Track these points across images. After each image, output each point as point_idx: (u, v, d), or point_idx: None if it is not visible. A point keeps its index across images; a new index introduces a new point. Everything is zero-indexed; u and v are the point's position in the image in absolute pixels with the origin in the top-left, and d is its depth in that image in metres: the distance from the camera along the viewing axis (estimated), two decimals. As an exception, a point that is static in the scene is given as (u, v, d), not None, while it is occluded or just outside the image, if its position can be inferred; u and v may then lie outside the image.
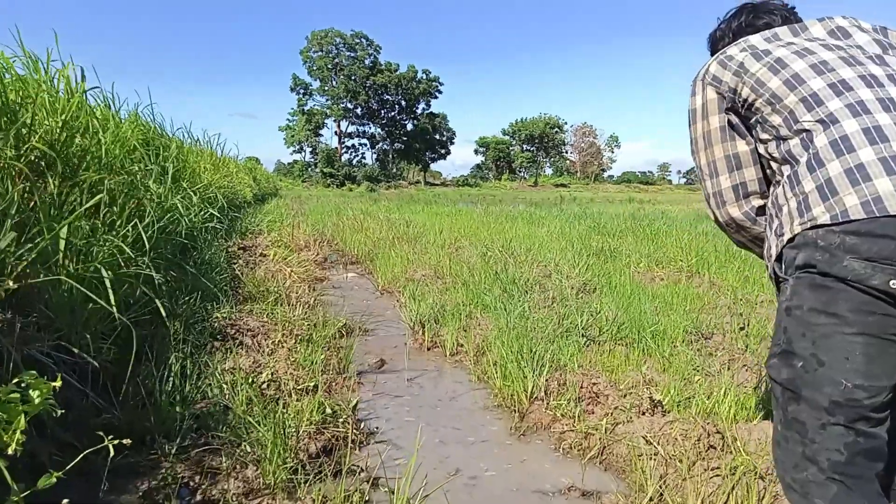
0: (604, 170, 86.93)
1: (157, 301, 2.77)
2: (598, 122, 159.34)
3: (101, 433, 1.48)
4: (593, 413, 2.61)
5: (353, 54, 57.86)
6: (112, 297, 2.13)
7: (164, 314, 2.71)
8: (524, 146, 76.32)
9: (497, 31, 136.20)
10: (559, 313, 3.83)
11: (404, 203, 19.40)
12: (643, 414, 2.50)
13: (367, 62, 58.26)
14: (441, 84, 62.47)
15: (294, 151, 59.36)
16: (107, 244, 2.57)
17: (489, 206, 17.75)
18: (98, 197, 2.56)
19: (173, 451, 2.05)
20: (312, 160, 58.88)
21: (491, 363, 3.10)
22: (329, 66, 57.14)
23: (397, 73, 59.93)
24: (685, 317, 3.88)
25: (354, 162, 62.57)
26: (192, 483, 1.92)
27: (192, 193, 5.47)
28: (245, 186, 13.94)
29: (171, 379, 2.41)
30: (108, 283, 2.20)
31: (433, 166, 68.95)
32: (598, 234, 9.28)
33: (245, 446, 2.07)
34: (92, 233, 2.58)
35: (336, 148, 59.75)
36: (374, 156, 64.32)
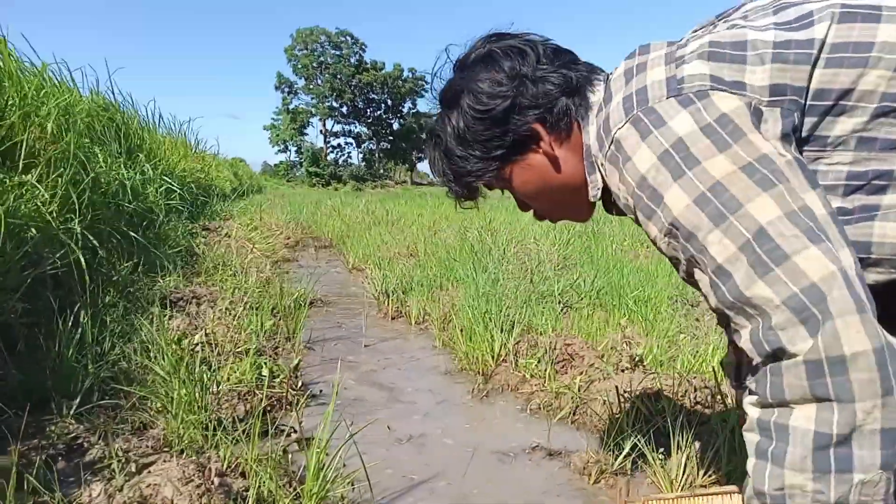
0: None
1: (76, 251, 2.52)
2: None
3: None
4: (566, 373, 2.33)
5: (338, 52, 57.31)
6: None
7: (83, 267, 2.48)
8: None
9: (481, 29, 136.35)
10: (534, 282, 3.56)
11: (388, 198, 19.12)
12: (622, 371, 2.22)
13: (352, 60, 57.75)
14: (427, 83, 62.09)
15: (279, 150, 58.68)
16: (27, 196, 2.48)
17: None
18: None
19: (72, 410, 1.75)
20: (298, 159, 58.31)
21: (457, 328, 2.81)
22: (314, 65, 56.55)
23: (383, 71, 59.46)
24: (669, 285, 3.62)
25: (340, 161, 62.00)
26: (85, 443, 1.62)
27: (149, 168, 5.27)
28: (224, 180, 13.62)
29: (80, 338, 2.10)
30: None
31: (420, 166, 68.63)
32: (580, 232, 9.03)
33: (155, 403, 1.77)
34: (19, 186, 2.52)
35: (321, 147, 59.20)
36: (361, 155, 63.81)
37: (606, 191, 0.91)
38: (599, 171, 0.89)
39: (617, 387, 1.98)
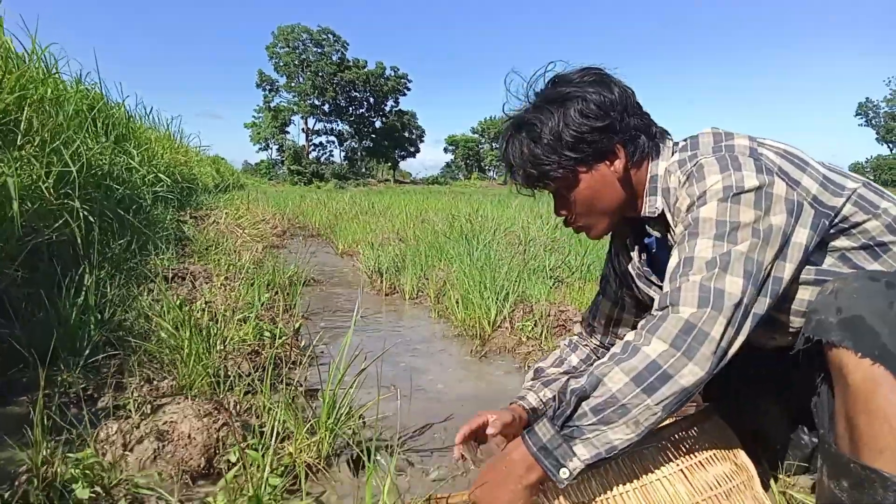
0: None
1: (73, 223, 2.55)
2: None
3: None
4: (562, 336, 2.40)
5: (319, 50, 56.97)
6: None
7: (80, 239, 2.52)
8: (493, 144, 76.39)
9: (464, 28, 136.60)
10: (526, 258, 3.62)
11: (372, 194, 19.14)
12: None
13: (334, 58, 57.45)
14: (409, 81, 62.07)
15: (260, 149, 58.22)
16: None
17: (458, 195, 17.56)
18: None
19: (80, 364, 1.77)
20: (279, 158, 57.91)
21: (452, 300, 2.86)
22: (296, 62, 56.16)
23: (365, 69, 59.28)
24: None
25: (322, 160, 61.67)
26: (95, 393, 1.64)
27: (134, 153, 5.29)
28: (207, 176, 13.54)
29: (83, 301, 2.12)
30: (13, 191, 2.05)
31: (403, 165, 68.57)
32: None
33: (164, 357, 1.80)
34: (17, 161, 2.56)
35: (303, 145, 58.85)
36: (343, 154, 63.54)
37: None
38: (662, 195, 1.12)
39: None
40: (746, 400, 1.31)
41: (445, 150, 77.01)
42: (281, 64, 56.23)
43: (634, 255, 1.29)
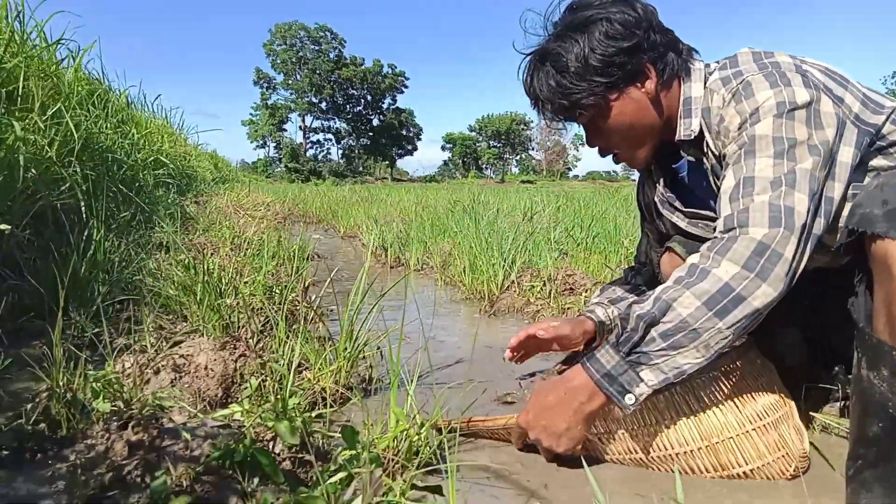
0: (569, 168, 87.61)
1: (77, 189, 2.56)
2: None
3: None
4: (571, 297, 2.40)
5: (317, 48, 56.96)
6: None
7: (83, 205, 2.54)
8: (491, 142, 76.40)
9: (461, 26, 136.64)
10: (531, 229, 3.62)
11: (371, 189, 19.16)
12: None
13: (331, 56, 57.43)
14: (407, 79, 62.07)
15: (258, 146, 58.20)
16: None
17: (457, 189, 17.58)
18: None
19: (91, 313, 1.77)
20: (277, 155, 57.85)
21: (459, 267, 2.87)
22: (293, 60, 56.14)
23: (362, 67, 59.28)
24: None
25: (320, 157, 61.65)
26: (109, 337, 1.64)
27: (135, 134, 5.32)
28: (205, 170, 13.55)
29: (94, 256, 2.12)
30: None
31: (400, 163, 68.51)
32: (567, 199, 9.15)
33: (176, 306, 1.80)
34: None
35: (301, 143, 58.82)
36: (340, 151, 63.50)
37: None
38: (699, 117, 1.09)
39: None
40: (770, 329, 1.31)
41: (443, 147, 76.98)
42: (278, 61, 56.20)
43: (660, 185, 1.29)
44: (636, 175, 1.46)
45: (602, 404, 0.97)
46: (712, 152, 1.08)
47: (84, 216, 2.65)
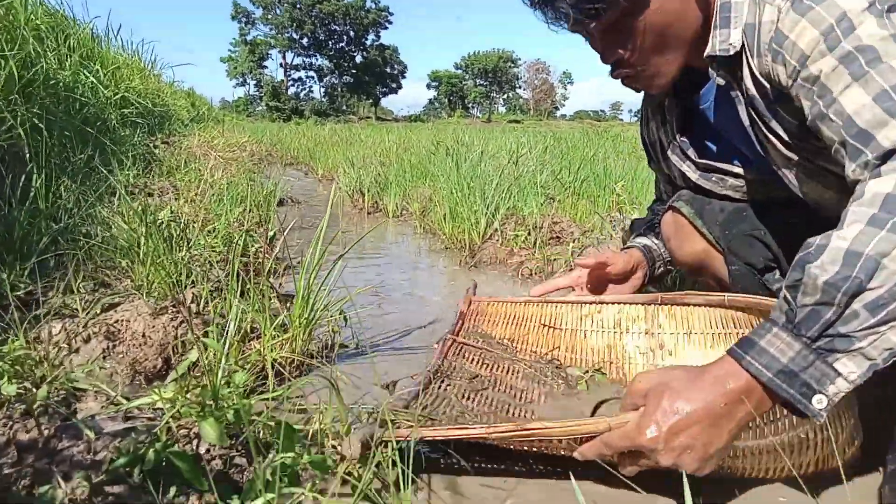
0: (557, 107, 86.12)
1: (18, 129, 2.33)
2: (551, 59, 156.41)
3: None
4: (556, 248, 2.25)
5: (297, -21, 54.54)
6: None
7: (27, 148, 2.31)
8: (477, 81, 74.63)
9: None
10: (516, 172, 3.44)
11: (354, 129, 18.68)
12: (612, 240, 2.15)
13: (312, -12, 55.07)
14: (391, 14, 59.82)
15: (237, 84, 56.38)
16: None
17: (441, 129, 17.18)
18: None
19: (26, 270, 1.58)
20: (258, 94, 56.13)
21: (439, 214, 2.69)
22: (272, -8, 53.81)
23: (345, 1, 56.94)
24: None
25: (302, 95, 59.92)
26: (41, 296, 1.47)
27: (100, 71, 5.01)
28: (181, 109, 13.03)
29: (32, 205, 1.91)
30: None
31: (384, 102, 66.99)
32: (556, 140, 8.91)
33: (120, 260, 1.62)
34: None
35: (282, 81, 57.04)
36: (323, 90, 61.71)
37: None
38: (740, 28, 0.84)
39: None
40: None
41: (428, 86, 75.22)
42: (256, -7, 53.78)
43: (672, 121, 1.09)
44: (624, 115, 1.23)
45: (767, 411, 0.71)
46: (754, 77, 0.85)
47: (28, 156, 2.43)
